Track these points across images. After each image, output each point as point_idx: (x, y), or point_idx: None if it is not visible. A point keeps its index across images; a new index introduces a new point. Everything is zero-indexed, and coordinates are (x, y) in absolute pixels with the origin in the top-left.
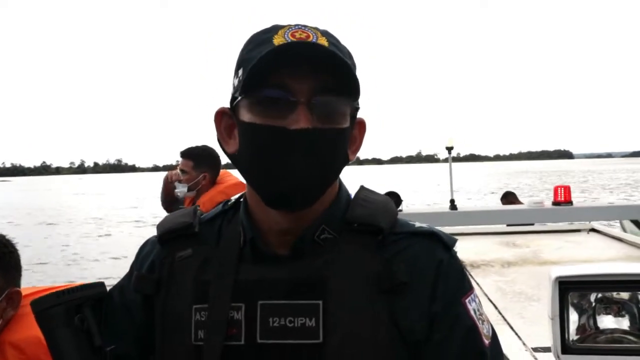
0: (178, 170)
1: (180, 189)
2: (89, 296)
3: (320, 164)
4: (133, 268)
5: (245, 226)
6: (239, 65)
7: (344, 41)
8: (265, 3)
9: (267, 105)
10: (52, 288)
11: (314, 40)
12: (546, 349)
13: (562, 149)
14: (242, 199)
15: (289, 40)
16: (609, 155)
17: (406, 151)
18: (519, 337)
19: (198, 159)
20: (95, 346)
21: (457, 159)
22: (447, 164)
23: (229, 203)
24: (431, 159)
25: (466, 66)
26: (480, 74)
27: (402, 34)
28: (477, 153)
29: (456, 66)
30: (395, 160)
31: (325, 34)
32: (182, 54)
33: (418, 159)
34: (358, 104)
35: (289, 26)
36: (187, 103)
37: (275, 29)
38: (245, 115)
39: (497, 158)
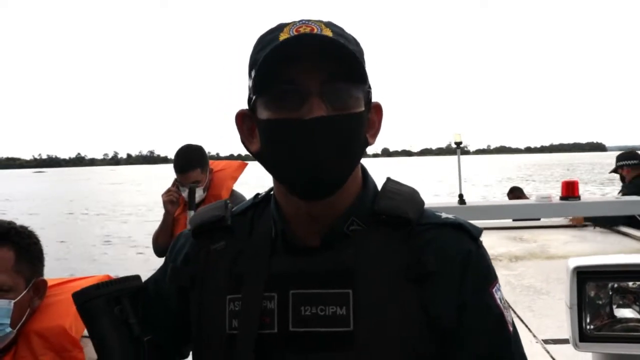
0: (173, 187)
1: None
2: (126, 288)
3: (339, 149)
4: (167, 260)
5: (276, 219)
6: (250, 67)
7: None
8: (264, 3)
9: (280, 100)
10: (74, 279)
11: (318, 32)
12: (556, 341)
13: (594, 142)
14: (272, 192)
15: (294, 35)
16: None
17: (436, 143)
18: (529, 329)
19: (200, 162)
20: (134, 336)
21: (488, 151)
22: (476, 156)
23: (260, 196)
24: (462, 150)
25: (499, 57)
26: (513, 65)
27: (432, 22)
28: (507, 145)
29: (490, 57)
30: (425, 152)
31: (330, 25)
32: (212, 46)
33: (448, 151)
34: (370, 87)
35: (294, 23)
36: (214, 95)
37: (280, 28)
38: (263, 113)
39: (528, 150)
